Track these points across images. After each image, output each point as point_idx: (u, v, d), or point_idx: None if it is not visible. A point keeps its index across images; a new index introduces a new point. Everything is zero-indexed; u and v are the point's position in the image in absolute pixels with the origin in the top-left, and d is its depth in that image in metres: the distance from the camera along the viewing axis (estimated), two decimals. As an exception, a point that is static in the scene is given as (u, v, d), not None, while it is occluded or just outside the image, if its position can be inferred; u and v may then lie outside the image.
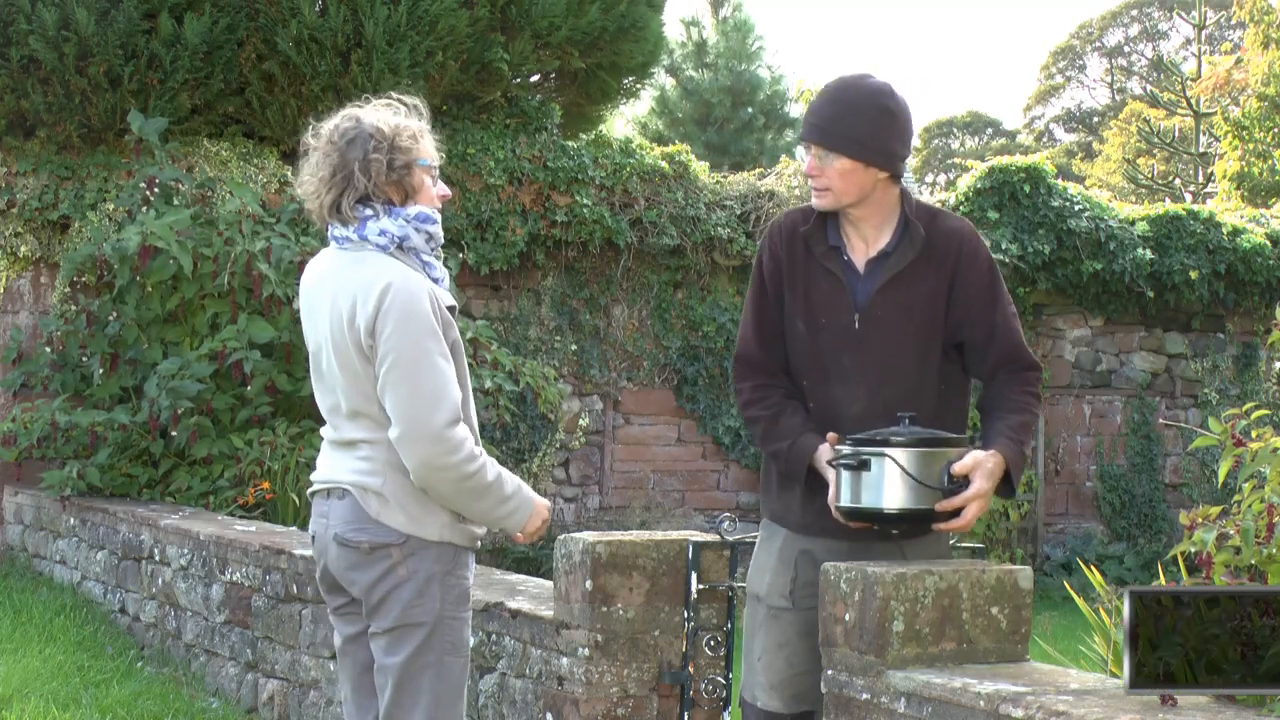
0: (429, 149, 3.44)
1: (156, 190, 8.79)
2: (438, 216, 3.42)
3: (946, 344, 3.45)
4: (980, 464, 3.24)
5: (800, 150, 3.59)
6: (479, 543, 3.45)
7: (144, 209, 8.74)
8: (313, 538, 3.48)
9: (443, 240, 3.45)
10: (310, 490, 3.50)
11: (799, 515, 3.48)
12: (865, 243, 3.46)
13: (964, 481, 3.23)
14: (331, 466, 3.42)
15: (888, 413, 3.35)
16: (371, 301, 3.27)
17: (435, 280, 3.42)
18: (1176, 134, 26.27)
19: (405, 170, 3.37)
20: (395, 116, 3.41)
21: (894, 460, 3.20)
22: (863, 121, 3.38)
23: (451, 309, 3.44)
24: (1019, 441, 3.33)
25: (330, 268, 3.42)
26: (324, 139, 3.38)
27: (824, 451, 3.36)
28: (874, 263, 3.44)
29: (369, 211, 3.33)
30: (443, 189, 3.47)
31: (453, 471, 3.28)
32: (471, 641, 4.51)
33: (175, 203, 8.82)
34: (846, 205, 3.42)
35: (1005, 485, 3.31)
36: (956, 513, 3.25)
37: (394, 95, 3.50)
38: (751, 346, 3.53)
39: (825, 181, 3.40)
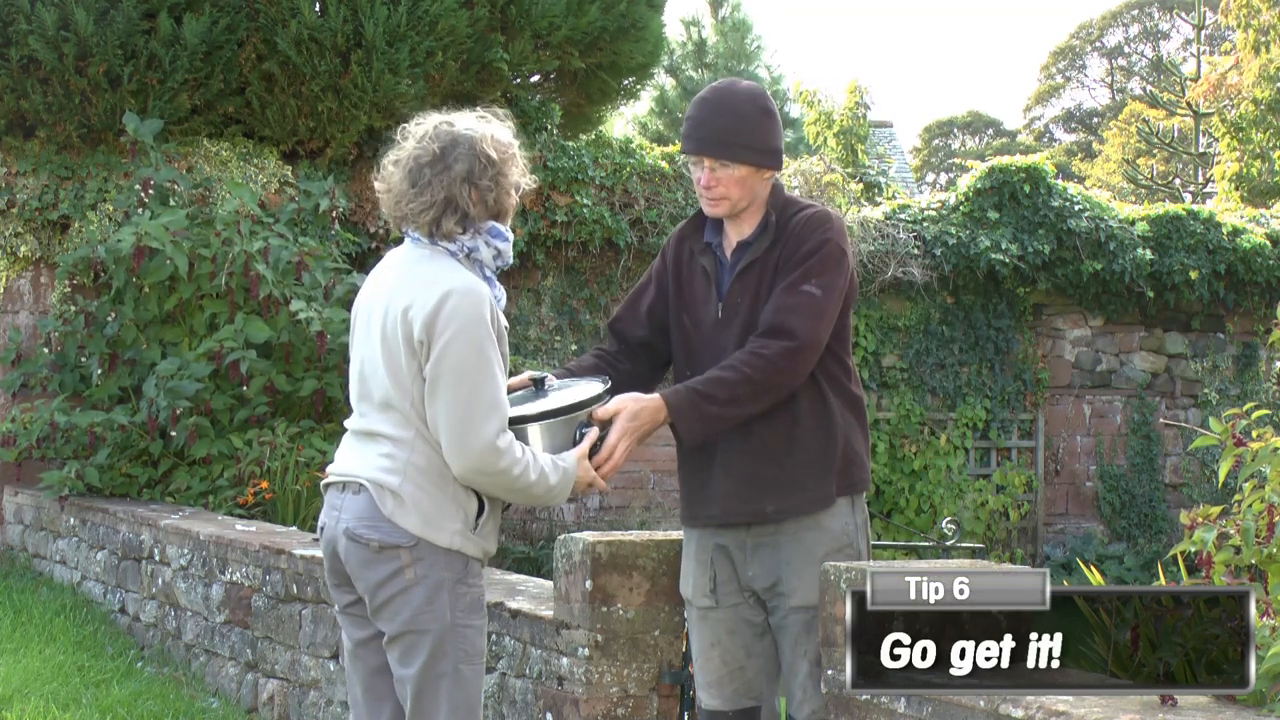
0: (524, 166, 3.43)
1: (151, 191, 8.79)
2: (510, 236, 3.39)
3: None
4: (622, 409, 3.40)
5: (690, 164, 3.63)
6: (488, 559, 3.44)
7: (139, 210, 8.74)
8: (321, 529, 3.46)
9: (509, 259, 3.42)
10: (324, 482, 3.48)
11: (688, 506, 3.65)
12: (739, 235, 3.60)
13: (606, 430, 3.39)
14: (351, 459, 3.39)
15: None
16: (433, 300, 3.24)
17: (495, 298, 3.38)
18: (1176, 134, 26.28)
19: (506, 196, 3.37)
20: (496, 131, 3.38)
21: (533, 436, 3.37)
22: (751, 127, 3.50)
23: (505, 329, 3.42)
24: (697, 392, 3.41)
25: (400, 261, 3.41)
26: (428, 152, 3.31)
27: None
28: (736, 253, 3.59)
29: (460, 230, 3.32)
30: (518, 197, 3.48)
31: (501, 478, 3.28)
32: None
33: (171, 203, 8.82)
34: (742, 209, 3.55)
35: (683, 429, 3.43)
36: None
37: (482, 108, 3.46)
38: (613, 320, 3.78)
39: (722, 191, 3.52)
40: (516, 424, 3.35)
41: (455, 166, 3.29)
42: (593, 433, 3.39)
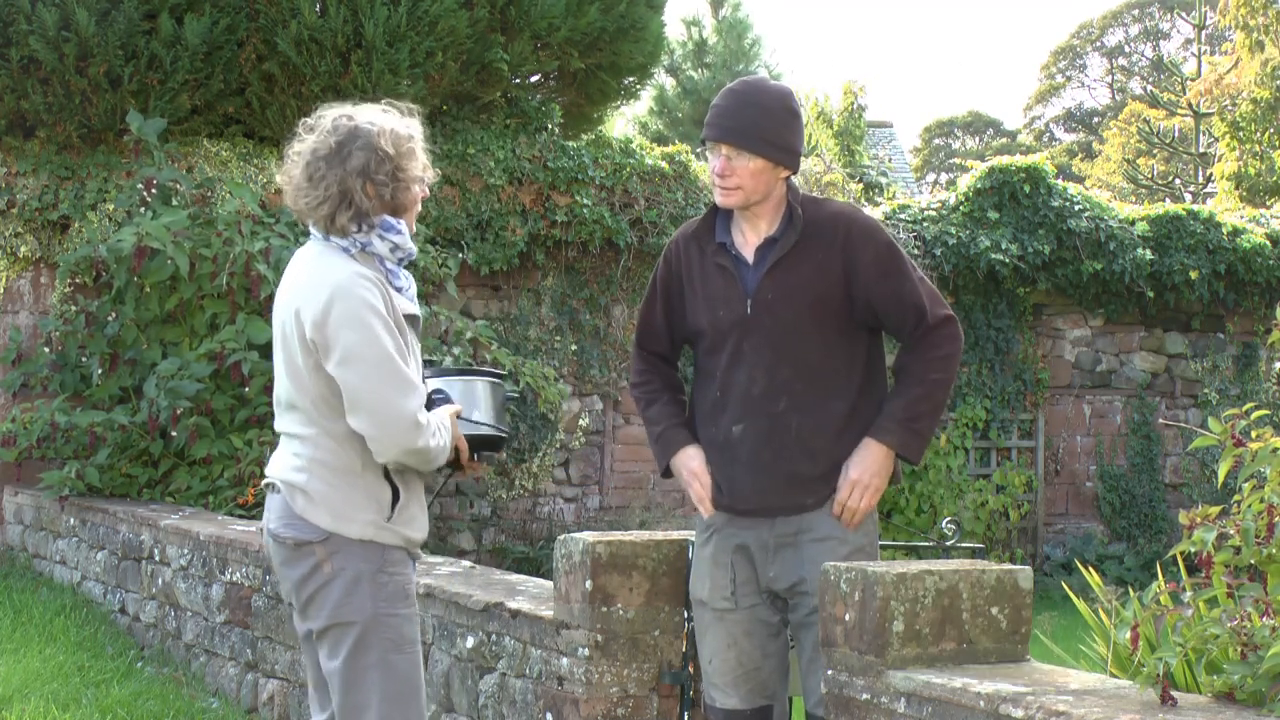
0: (424, 160, 3.42)
1: (154, 191, 8.79)
2: (402, 228, 3.37)
3: (855, 320, 3.59)
4: (847, 467, 3.55)
5: (708, 153, 3.73)
6: (417, 546, 3.44)
7: (141, 210, 8.74)
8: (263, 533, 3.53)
9: (412, 252, 3.41)
10: (263, 484, 3.55)
11: (717, 494, 3.65)
12: (756, 234, 3.62)
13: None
14: (274, 461, 3.46)
15: (789, 390, 3.54)
16: (321, 300, 3.25)
17: (399, 289, 3.38)
18: (1176, 134, 26.29)
19: (405, 191, 3.36)
20: (396, 125, 3.37)
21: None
22: (774, 123, 3.54)
23: (412, 318, 3.41)
24: (901, 420, 3.54)
25: (300, 260, 3.44)
26: (326, 145, 3.32)
27: (690, 456, 3.66)
28: (761, 250, 3.61)
29: (355, 227, 3.32)
30: (424, 190, 3.47)
31: (424, 454, 3.31)
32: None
33: (174, 203, 8.82)
34: (754, 203, 3.57)
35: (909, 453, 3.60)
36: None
37: (387, 102, 3.46)
38: (636, 347, 3.86)
39: (736, 181, 3.54)
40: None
41: (351, 160, 3.29)
42: (454, 407, 3.52)
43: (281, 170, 3.45)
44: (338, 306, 3.23)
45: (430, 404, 3.46)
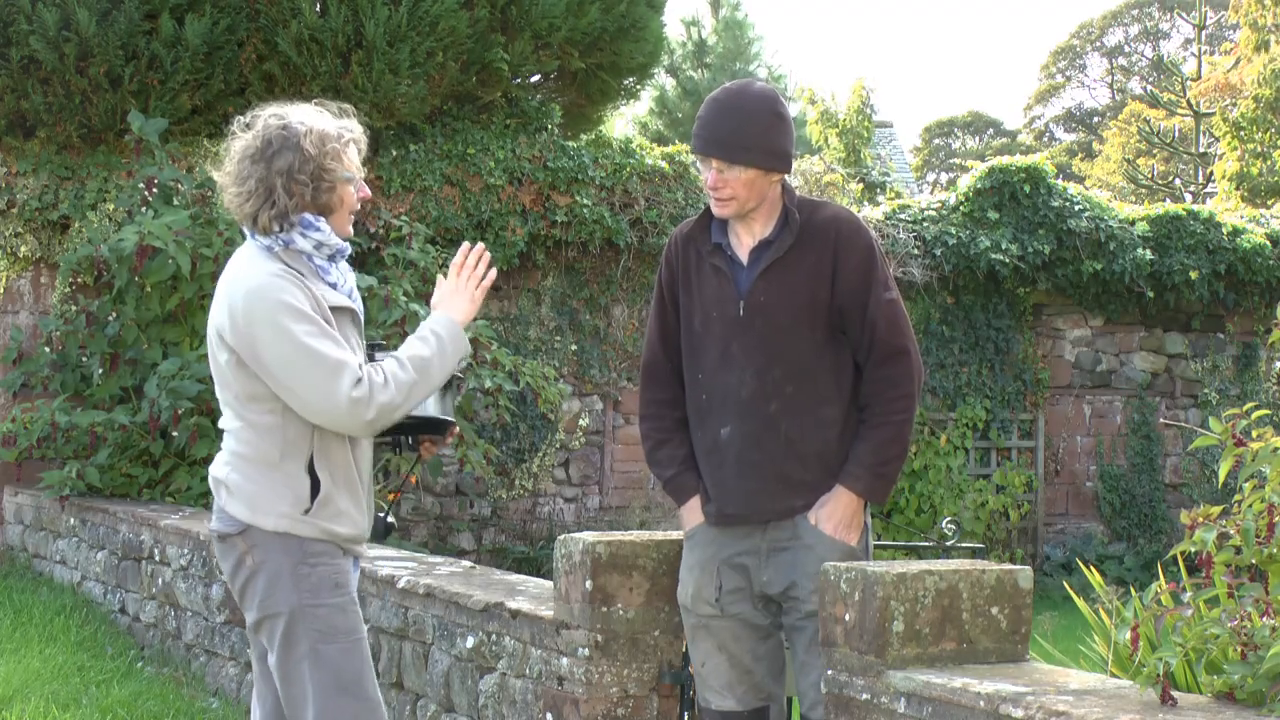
0: (353, 159, 3.43)
1: (155, 190, 8.79)
2: (323, 225, 3.38)
3: (836, 326, 3.57)
4: (820, 521, 3.55)
5: (699, 164, 3.71)
6: (350, 543, 3.42)
7: (143, 209, 8.75)
8: None
9: (343, 247, 3.42)
10: None
11: (705, 502, 3.65)
12: (751, 236, 3.60)
13: None
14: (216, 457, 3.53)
15: (779, 393, 3.52)
16: (235, 301, 3.29)
17: (332, 285, 3.39)
18: (1176, 134, 26.29)
19: (330, 191, 3.38)
20: (324, 125, 3.39)
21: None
22: (761, 130, 3.50)
23: (344, 310, 3.41)
24: (874, 464, 3.54)
25: (230, 263, 3.47)
26: (254, 145, 3.35)
27: (693, 507, 3.65)
28: (756, 252, 3.59)
29: (277, 226, 3.34)
30: (363, 190, 3.47)
31: (385, 414, 3.30)
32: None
33: (175, 203, 8.82)
34: (748, 210, 3.55)
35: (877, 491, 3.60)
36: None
37: (317, 102, 3.49)
38: (658, 355, 3.75)
39: (729, 192, 3.52)
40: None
41: (276, 161, 3.33)
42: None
43: (219, 167, 3.49)
44: (251, 308, 3.26)
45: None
